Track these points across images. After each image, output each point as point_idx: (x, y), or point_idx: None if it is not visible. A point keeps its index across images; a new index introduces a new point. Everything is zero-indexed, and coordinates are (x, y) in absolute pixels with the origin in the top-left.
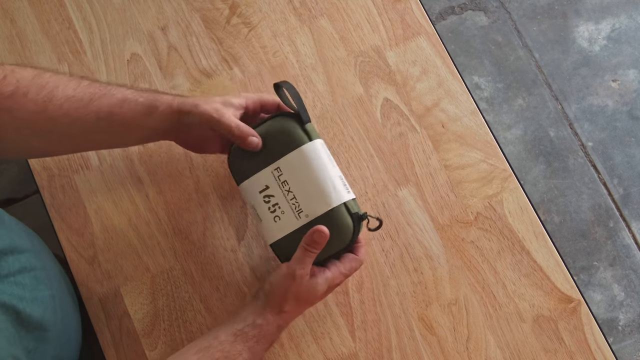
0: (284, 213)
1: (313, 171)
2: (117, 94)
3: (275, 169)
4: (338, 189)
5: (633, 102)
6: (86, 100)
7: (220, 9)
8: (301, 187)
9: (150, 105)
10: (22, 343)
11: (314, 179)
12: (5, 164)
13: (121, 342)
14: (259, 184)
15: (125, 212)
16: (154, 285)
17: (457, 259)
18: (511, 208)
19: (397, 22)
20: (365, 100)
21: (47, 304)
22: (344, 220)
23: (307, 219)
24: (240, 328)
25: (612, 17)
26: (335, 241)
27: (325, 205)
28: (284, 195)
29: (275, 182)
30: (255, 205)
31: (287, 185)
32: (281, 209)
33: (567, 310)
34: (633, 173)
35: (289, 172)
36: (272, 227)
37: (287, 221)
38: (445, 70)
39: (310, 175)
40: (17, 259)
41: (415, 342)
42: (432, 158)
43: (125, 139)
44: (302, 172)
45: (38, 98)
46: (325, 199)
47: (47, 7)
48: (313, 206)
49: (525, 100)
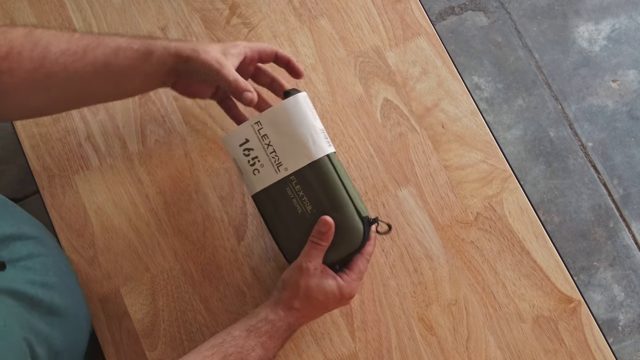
0: (263, 166)
1: (293, 125)
2: (110, 44)
3: (255, 122)
4: (318, 142)
5: (633, 103)
6: (81, 53)
7: (220, 9)
8: (281, 141)
9: (146, 51)
10: (34, 328)
11: (294, 132)
12: (5, 165)
13: (121, 342)
14: (239, 138)
15: (125, 212)
16: (154, 286)
17: (457, 259)
18: (511, 208)
19: (397, 22)
20: (365, 101)
21: (57, 289)
22: (355, 224)
23: (287, 172)
24: (253, 324)
25: (612, 17)
26: (345, 244)
27: (305, 158)
28: (263, 149)
29: (255, 136)
30: (236, 158)
31: (267, 139)
32: (260, 162)
33: (567, 310)
34: (633, 173)
35: (269, 125)
36: (251, 179)
37: (266, 174)
38: (445, 70)
39: (290, 128)
40: (25, 244)
41: (415, 343)
42: (432, 158)
43: (124, 88)
44: (282, 125)
45: (33, 55)
46: (305, 151)
47: (47, 7)
48: (293, 159)
49: (525, 100)
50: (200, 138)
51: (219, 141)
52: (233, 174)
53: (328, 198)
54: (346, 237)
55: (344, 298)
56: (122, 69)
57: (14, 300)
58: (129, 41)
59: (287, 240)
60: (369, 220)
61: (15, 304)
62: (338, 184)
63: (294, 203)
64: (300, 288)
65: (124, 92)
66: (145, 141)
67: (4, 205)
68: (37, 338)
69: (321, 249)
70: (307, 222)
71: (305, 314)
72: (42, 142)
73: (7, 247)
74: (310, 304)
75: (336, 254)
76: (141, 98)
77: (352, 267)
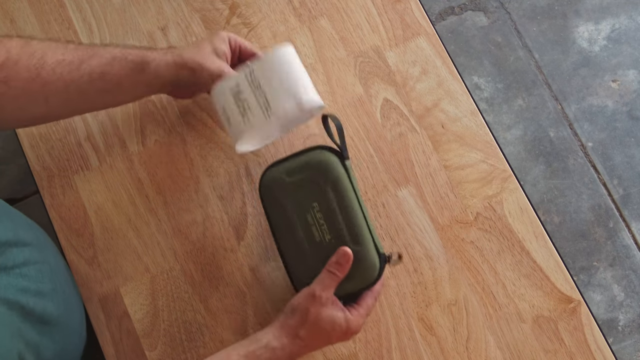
0: (253, 113)
1: (285, 71)
2: (105, 54)
3: (247, 68)
4: (308, 91)
5: (633, 103)
6: (77, 63)
7: (220, 9)
8: (271, 86)
9: (140, 62)
10: (25, 337)
11: (285, 78)
12: (5, 165)
13: (121, 342)
14: (230, 85)
15: (125, 212)
16: (154, 286)
17: (457, 259)
18: (511, 208)
19: (397, 22)
20: (365, 101)
21: (51, 297)
22: (372, 259)
23: (276, 118)
24: (252, 350)
25: (612, 17)
26: (360, 278)
27: (296, 109)
28: (253, 94)
29: (246, 81)
30: (225, 106)
31: (259, 86)
32: (250, 109)
33: (567, 310)
34: (633, 173)
35: (260, 71)
36: (240, 127)
37: (256, 120)
38: (445, 70)
39: (282, 75)
40: (21, 251)
41: (415, 343)
42: (431, 158)
43: (122, 97)
44: (273, 71)
45: (30, 65)
46: (295, 97)
47: (47, 7)
48: (282, 103)
49: (525, 100)
50: (200, 138)
51: (219, 141)
52: (233, 174)
53: (349, 230)
54: (362, 271)
55: (350, 332)
56: (117, 79)
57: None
58: (124, 52)
59: (299, 265)
60: (385, 258)
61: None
62: (361, 218)
63: (313, 230)
64: (310, 315)
65: (122, 101)
66: (145, 141)
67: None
68: (28, 347)
69: (336, 280)
70: (324, 251)
71: (308, 344)
72: (41, 142)
73: (3, 254)
74: (316, 333)
75: (349, 287)
76: None
77: (360, 303)
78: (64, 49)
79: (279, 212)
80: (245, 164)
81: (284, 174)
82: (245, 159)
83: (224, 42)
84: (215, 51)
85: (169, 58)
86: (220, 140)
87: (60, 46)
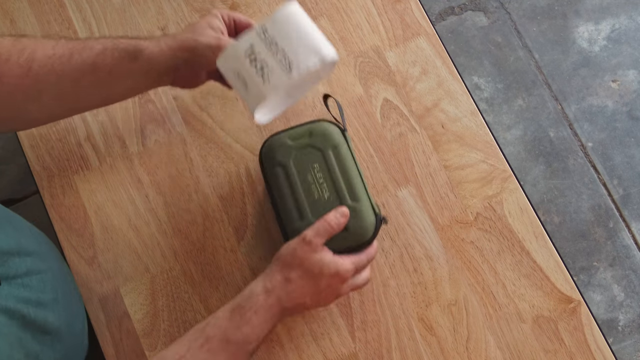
0: (273, 71)
1: (299, 26)
2: (96, 46)
3: (260, 28)
4: (327, 43)
5: (633, 103)
6: (67, 56)
7: (220, 9)
8: (291, 43)
9: (133, 50)
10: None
11: (303, 33)
12: (5, 165)
13: (121, 342)
14: (243, 46)
15: (125, 213)
16: (154, 286)
17: (457, 259)
18: (511, 208)
19: (397, 22)
20: (365, 101)
21: (52, 308)
22: (369, 217)
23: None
24: (238, 301)
25: (612, 17)
26: (356, 235)
27: (316, 58)
28: (271, 53)
29: (262, 41)
30: (241, 69)
31: (274, 43)
32: (269, 67)
33: (567, 310)
34: (633, 173)
35: (276, 30)
36: (261, 89)
37: (278, 79)
38: (445, 70)
39: (299, 30)
40: (24, 260)
41: (415, 343)
42: (431, 158)
43: (118, 89)
44: (290, 28)
45: (21, 61)
46: (317, 51)
47: (47, 7)
48: (305, 60)
49: (525, 100)
50: (200, 138)
51: (219, 141)
52: (233, 174)
53: (349, 189)
54: (358, 227)
55: (338, 277)
56: (109, 69)
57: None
58: (116, 42)
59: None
60: (380, 218)
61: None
62: (359, 180)
63: (312, 189)
64: (299, 258)
65: (118, 94)
66: (145, 141)
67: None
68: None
69: (330, 231)
70: (322, 208)
71: (296, 289)
72: (41, 142)
73: (5, 264)
74: (304, 276)
75: (345, 242)
76: (141, 98)
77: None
78: (55, 44)
79: (279, 170)
80: (246, 164)
81: (287, 138)
82: (245, 159)
83: (217, 17)
84: (210, 26)
85: (162, 44)
86: (220, 140)
87: (51, 41)
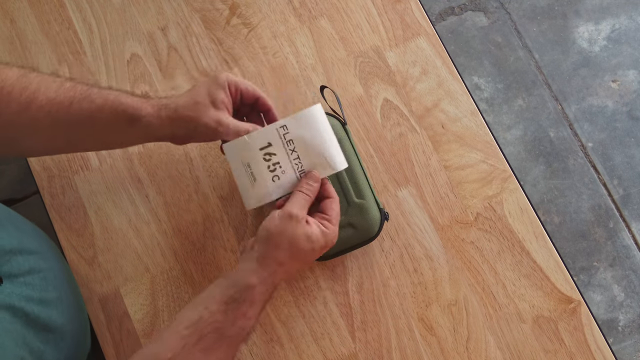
0: (285, 173)
1: (320, 133)
2: (97, 99)
3: (281, 126)
4: (340, 154)
5: (633, 103)
6: (67, 104)
7: (220, 9)
8: (306, 148)
9: (131, 115)
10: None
11: (320, 140)
12: (5, 165)
13: (121, 342)
14: (260, 141)
15: (125, 213)
16: (154, 286)
17: (457, 259)
18: (511, 209)
19: (397, 22)
20: (365, 101)
21: (55, 306)
22: (374, 212)
23: None
24: (231, 294)
25: (612, 17)
26: (365, 230)
27: (329, 169)
28: (287, 154)
29: (280, 140)
30: (252, 163)
31: (292, 145)
32: (282, 168)
33: (567, 310)
34: (633, 173)
35: (295, 130)
36: (268, 186)
37: (287, 181)
38: (445, 70)
39: (316, 136)
40: (27, 259)
41: (415, 343)
42: (432, 158)
43: (111, 144)
44: (308, 131)
45: (21, 99)
46: (330, 162)
47: (47, 8)
48: (316, 168)
49: (525, 100)
50: None
51: (219, 141)
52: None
53: (354, 185)
54: (366, 222)
55: (327, 246)
56: (105, 125)
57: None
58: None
59: None
60: (384, 213)
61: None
62: (363, 176)
63: None
64: (287, 238)
65: (113, 145)
66: None
67: (8, 218)
68: (31, 354)
69: (309, 200)
70: None
71: (289, 269)
72: None
73: (8, 262)
74: (295, 254)
75: (354, 239)
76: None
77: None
78: (59, 87)
79: None
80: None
81: None
82: None
83: (223, 89)
84: (213, 102)
85: (162, 113)
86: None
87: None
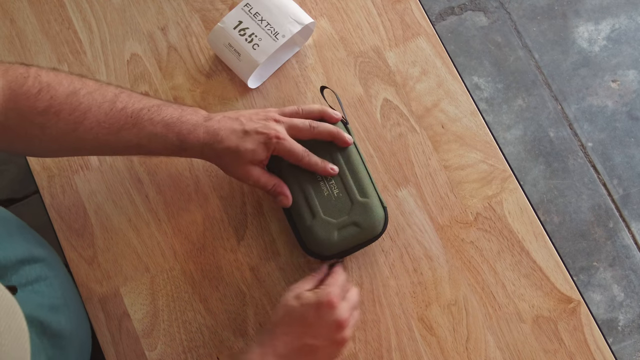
0: (261, 39)
1: (278, 1)
2: (146, 128)
3: (244, 5)
4: (302, 11)
5: (633, 103)
6: (115, 129)
7: (220, 9)
8: (271, 15)
9: (178, 146)
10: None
11: (281, 5)
12: (5, 164)
13: (121, 342)
14: (231, 22)
15: (125, 212)
16: (154, 286)
17: (456, 259)
18: (511, 208)
19: (396, 22)
20: (365, 101)
21: (63, 311)
22: (379, 212)
23: (284, 39)
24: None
25: (612, 17)
26: (369, 229)
27: (297, 25)
28: (258, 25)
29: (247, 16)
30: (232, 42)
31: (259, 16)
32: (258, 37)
33: (567, 310)
34: (633, 173)
35: (257, 4)
36: (251, 54)
37: (266, 45)
38: (444, 70)
39: (275, 3)
40: (34, 267)
41: (415, 343)
42: (431, 158)
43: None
44: (268, 2)
45: (70, 118)
46: (295, 19)
47: (47, 7)
48: (287, 27)
49: (525, 100)
50: None
51: None
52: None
53: (357, 185)
54: (370, 221)
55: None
56: (150, 152)
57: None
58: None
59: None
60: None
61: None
62: (367, 175)
63: (320, 185)
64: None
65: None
66: None
67: (17, 227)
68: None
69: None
70: (332, 205)
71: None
72: None
73: (18, 272)
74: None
75: (358, 237)
76: None
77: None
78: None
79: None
80: None
81: None
82: None
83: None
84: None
85: (205, 151)
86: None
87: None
